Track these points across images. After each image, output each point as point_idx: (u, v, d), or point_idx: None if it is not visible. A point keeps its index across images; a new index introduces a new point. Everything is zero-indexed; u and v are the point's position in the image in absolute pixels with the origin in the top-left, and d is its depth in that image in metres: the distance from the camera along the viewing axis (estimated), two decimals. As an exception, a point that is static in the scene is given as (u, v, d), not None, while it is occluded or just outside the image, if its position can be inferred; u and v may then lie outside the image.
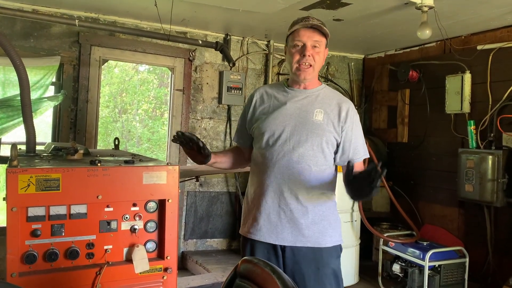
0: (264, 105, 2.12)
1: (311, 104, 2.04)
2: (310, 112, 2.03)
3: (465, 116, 4.21)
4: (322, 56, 2.04)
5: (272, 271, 1.26)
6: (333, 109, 2.04)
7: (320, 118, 2.01)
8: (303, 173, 2.00)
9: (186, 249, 4.77)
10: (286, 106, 2.06)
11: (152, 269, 1.86)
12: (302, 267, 2.01)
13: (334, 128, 2.02)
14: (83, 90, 4.22)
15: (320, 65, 2.07)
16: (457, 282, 3.78)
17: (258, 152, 2.12)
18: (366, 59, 5.59)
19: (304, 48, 1.99)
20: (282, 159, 2.01)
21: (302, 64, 2.01)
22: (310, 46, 2.00)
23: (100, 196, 1.75)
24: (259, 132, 2.09)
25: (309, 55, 1.99)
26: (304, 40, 2.00)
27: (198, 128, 4.80)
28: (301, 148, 2.00)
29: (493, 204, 3.83)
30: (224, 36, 4.82)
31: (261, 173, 2.07)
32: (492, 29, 4.03)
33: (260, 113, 2.12)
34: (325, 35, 2.04)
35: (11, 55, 2.21)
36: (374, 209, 5.01)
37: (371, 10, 3.65)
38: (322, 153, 2.02)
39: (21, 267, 1.66)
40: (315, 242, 2.02)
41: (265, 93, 2.16)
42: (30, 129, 2.27)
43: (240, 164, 2.30)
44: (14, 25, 3.94)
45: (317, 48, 2.01)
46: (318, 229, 2.03)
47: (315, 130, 2.00)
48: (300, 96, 2.07)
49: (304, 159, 2.00)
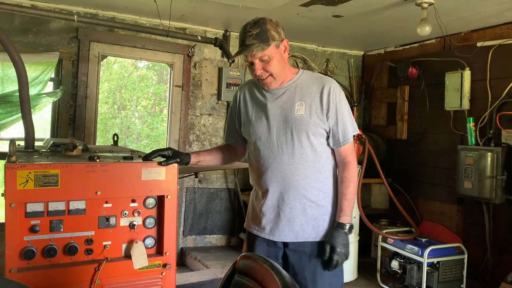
0: (247, 109, 2.14)
1: (291, 99, 2.03)
2: (291, 107, 2.02)
3: (464, 113, 4.21)
4: (275, 61, 1.97)
5: (270, 267, 1.27)
6: (314, 97, 2.01)
7: (302, 112, 2.00)
8: (296, 172, 2.01)
9: (185, 245, 4.77)
10: (267, 107, 2.06)
11: (151, 265, 1.86)
12: (302, 259, 2.04)
13: (319, 117, 2.00)
14: (82, 86, 4.21)
15: (279, 67, 1.99)
16: (455, 279, 3.79)
17: (251, 155, 2.16)
18: (365, 56, 5.58)
19: (253, 67, 1.98)
20: (274, 162, 2.03)
21: (260, 79, 2.01)
22: (258, 62, 1.96)
23: (99, 192, 1.75)
24: (248, 137, 2.14)
25: (260, 73, 1.97)
26: (249, 60, 1.97)
27: (197, 125, 4.79)
28: (290, 147, 2.01)
29: (492, 201, 3.83)
30: (224, 32, 4.81)
31: (257, 176, 2.11)
32: (492, 26, 4.03)
33: (244, 118, 2.15)
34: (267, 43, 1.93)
35: (10, 51, 2.20)
36: (373, 205, 5.02)
37: (371, 7, 3.64)
38: (312, 147, 2.01)
39: (19, 263, 1.66)
40: (316, 236, 2.05)
41: (247, 94, 2.17)
42: (28, 125, 2.26)
43: (230, 160, 2.32)
44: (13, 20, 3.93)
45: (265, 60, 1.95)
46: (318, 224, 2.05)
47: (299, 126, 1.99)
48: (279, 93, 2.06)
49: (295, 158, 2.01)
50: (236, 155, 2.32)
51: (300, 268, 2.04)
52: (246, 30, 1.93)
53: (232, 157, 2.32)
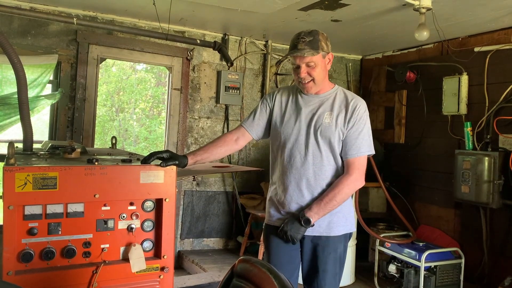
0: (282, 109, 2.34)
1: (323, 108, 2.24)
2: (322, 115, 2.23)
3: (461, 117, 4.23)
4: (320, 69, 2.19)
5: (269, 271, 1.27)
6: (341, 110, 2.22)
7: (329, 120, 2.21)
8: (317, 173, 2.21)
9: (182, 249, 4.77)
10: (301, 111, 2.27)
11: (148, 268, 1.86)
12: (316, 250, 2.24)
13: (341, 128, 2.21)
14: (80, 88, 4.21)
15: (322, 75, 2.22)
16: (452, 283, 3.79)
17: (277, 153, 2.33)
18: (363, 60, 5.60)
19: (299, 70, 2.19)
20: (299, 161, 2.22)
21: (302, 82, 2.21)
22: (304, 67, 2.18)
23: (97, 195, 1.75)
24: (276, 135, 2.32)
25: (303, 75, 2.19)
26: (297, 63, 2.19)
27: (196, 128, 4.80)
28: (315, 149, 2.20)
29: (489, 205, 3.84)
30: (222, 35, 4.82)
31: (281, 172, 2.29)
32: (489, 31, 4.05)
33: (278, 116, 2.34)
34: (317, 51, 2.16)
35: (9, 53, 2.20)
36: (370, 209, 5.02)
37: (369, 11, 3.66)
38: (333, 153, 2.21)
39: (17, 265, 1.66)
40: (329, 232, 2.23)
41: (285, 95, 2.37)
42: (27, 127, 2.27)
43: (227, 152, 2.41)
44: (12, 22, 3.93)
45: (311, 66, 2.17)
46: (333, 221, 2.23)
47: (325, 133, 2.20)
48: (314, 101, 2.27)
49: (318, 160, 2.21)
50: (237, 144, 2.39)
51: (313, 258, 2.25)
52: (300, 37, 2.17)
53: (230, 149, 2.39)
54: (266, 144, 4.41)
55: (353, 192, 2.29)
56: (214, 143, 2.34)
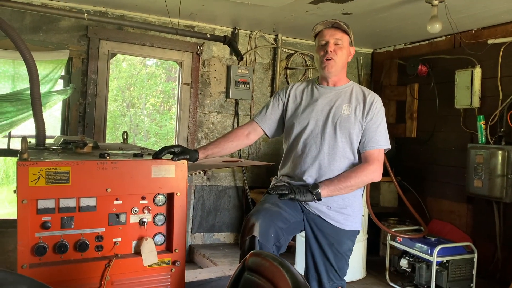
0: (297, 100, 2.33)
1: (341, 99, 2.24)
2: (339, 106, 2.22)
3: (474, 111, 4.17)
4: (345, 52, 2.23)
5: (280, 264, 1.27)
6: (359, 103, 2.22)
7: (348, 112, 2.20)
8: (332, 163, 2.18)
9: (193, 243, 4.79)
10: (318, 102, 2.25)
11: (160, 262, 1.88)
12: (319, 235, 2.20)
13: (359, 121, 2.20)
14: (91, 84, 4.24)
15: (344, 60, 2.24)
16: (465, 278, 3.76)
17: (292, 143, 2.28)
18: (374, 54, 5.55)
19: (327, 45, 2.20)
20: (315, 151, 2.19)
21: (325, 59, 2.20)
22: (332, 43, 2.20)
23: (109, 189, 1.76)
24: (291, 126, 2.28)
25: (330, 51, 2.19)
26: (326, 38, 2.21)
27: (206, 122, 4.80)
28: (331, 140, 2.19)
29: (502, 200, 3.79)
30: (232, 30, 4.81)
31: (296, 162, 2.24)
32: (503, 23, 3.98)
33: (292, 109, 2.32)
34: (347, 33, 2.23)
35: (21, 49, 2.22)
36: (381, 204, 4.99)
37: (381, 4, 3.62)
38: (351, 145, 2.20)
39: (31, 258, 1.68)
40: (337, 222, 2.20)
41: (300, 88, 2.37)
42: (39, 122, 2.29)
43: (238, 147, 2.41)
44: (24, 19, 3.96)
45: (339, 44, 2.20)
46: (343, 213, 2.21)
47: (344, 124, 2.19)
48: (330, 93, 2.27)
49: (334, 151, 2.18)
50: (248, 139, 2.38)
51: (316, 239, 2.20)
52: (335, 19, 2.23)
53: (241, 144, 2.39)
54: (276, 139, 4.40)
55: (369, 182, 2.23)
56: (225, 138, 2.34)
